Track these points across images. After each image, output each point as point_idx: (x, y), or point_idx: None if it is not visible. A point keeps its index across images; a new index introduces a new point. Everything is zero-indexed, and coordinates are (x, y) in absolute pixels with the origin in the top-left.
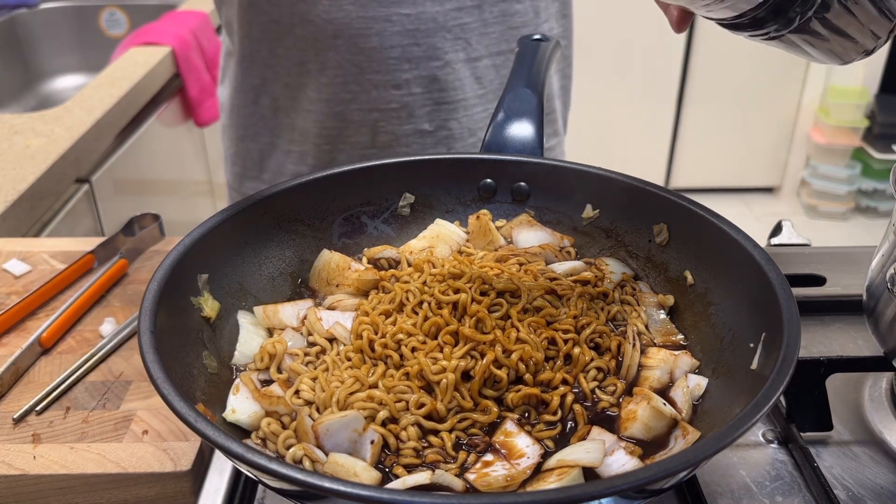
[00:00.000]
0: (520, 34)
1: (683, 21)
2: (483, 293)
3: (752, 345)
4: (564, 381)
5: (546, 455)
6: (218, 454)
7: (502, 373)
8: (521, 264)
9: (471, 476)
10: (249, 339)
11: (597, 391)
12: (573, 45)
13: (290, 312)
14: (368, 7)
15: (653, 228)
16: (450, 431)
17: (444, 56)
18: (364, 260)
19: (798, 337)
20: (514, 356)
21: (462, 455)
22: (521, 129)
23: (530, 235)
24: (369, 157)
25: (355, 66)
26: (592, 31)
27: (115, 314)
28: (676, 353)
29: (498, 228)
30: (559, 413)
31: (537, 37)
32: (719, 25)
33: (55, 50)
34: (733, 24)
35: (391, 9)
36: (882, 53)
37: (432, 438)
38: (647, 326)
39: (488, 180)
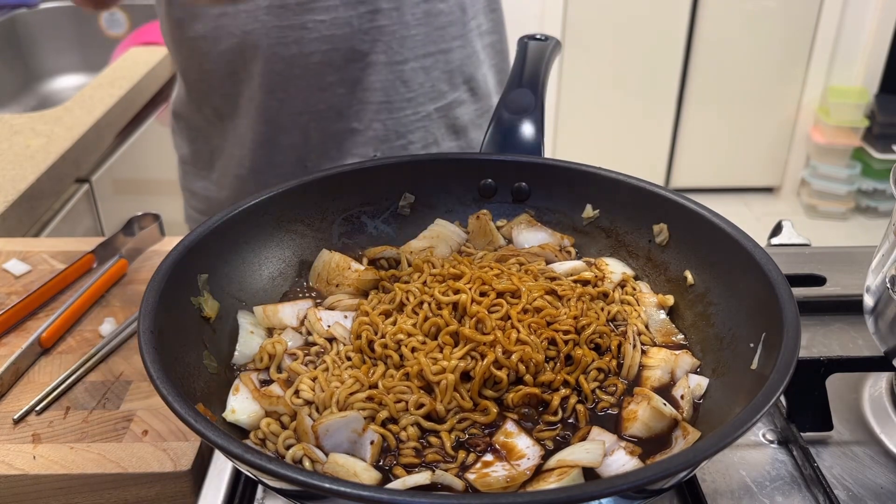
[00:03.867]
0: (448, 35)
1: None
2: (483, 293)
3: (752, 345)
4: (565, 383)
5: (546, 456)
6: (218, 454)
7: (502, 374)
8: (521, 264)
9: (471, 476)
10: (249, 339)
11: (597, 391)
12: (507, 41)
13: (289, 312)
14: (282, 17)
15: (653, 228)
16: (449, 432)
17: (364, 59)
18: (364, 260)
19: (798, 337)
20: (515, 357)
21: (462, 455)
22: (521, 129)
23: (530, 235)
24: (306, 157)
25: (279, 74)
26: (592, 31)
27: (115, 314)
28: (677, 352)
29: (498, 228)
30: (560, 414)
31: (538, 36)
32: None
33: (55, 50)
34: None
35: (305, 17)
36: (882, 53)
37: (432, 439)
38: (647, 326)
39: (488, 180)
